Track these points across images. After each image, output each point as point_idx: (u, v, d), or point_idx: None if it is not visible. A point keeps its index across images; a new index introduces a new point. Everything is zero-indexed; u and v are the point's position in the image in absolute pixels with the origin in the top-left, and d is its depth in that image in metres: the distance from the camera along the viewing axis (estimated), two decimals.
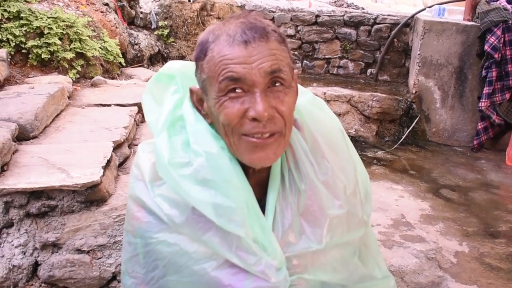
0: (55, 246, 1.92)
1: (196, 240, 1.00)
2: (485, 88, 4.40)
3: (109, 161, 2.11)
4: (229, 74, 0.94)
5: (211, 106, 0.98)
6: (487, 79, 4.37)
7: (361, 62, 5.60)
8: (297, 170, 1.06)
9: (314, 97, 1.17)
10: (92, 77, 3.45)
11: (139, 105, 2.97)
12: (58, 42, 3.28)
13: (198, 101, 1.05)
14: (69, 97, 2.95)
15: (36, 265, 1.92)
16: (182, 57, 5.51)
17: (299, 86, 1.07)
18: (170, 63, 1.19)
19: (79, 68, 3.42)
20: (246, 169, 1.02)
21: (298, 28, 5.62)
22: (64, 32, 3.37)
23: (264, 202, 1.04)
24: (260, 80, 0.94)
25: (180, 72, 1.14)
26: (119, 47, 4.09)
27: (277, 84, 0.96)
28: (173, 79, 1.13)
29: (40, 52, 3.20)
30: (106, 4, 4.50)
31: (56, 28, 3.31)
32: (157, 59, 5.44)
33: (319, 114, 1.14)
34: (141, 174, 1.08)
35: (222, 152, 0.98)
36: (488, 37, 4.34)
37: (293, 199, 1.05)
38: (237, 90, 0.95)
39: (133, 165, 1.12)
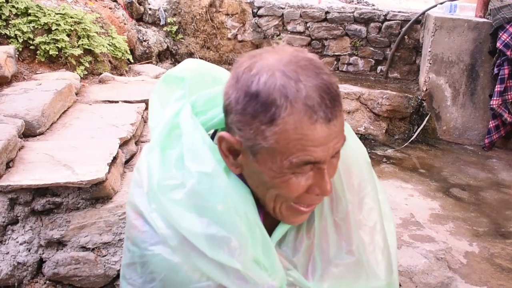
0: (60, 243, 1.91)
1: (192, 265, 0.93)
2: (496, 86, 4.34)
3: (115, 158, 2.09)
4: (307, 158, 0.82)
5: (264, 175, 0.87)
6: (499, 77, 4.31)
7: (371, 59, 5.55)
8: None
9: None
10: (100, 74, 3.45)
11: (146, 102, 2.96)
12: (66, 38, 3.28)
13: (230, 150, 0.91)
14: (76, 94, 2.95)
15: (40, 262, 1.92)
16: (190, 54, 5.50)
17: None
18: (185, 63, 1.09)
19: (87, 65, 3.42)
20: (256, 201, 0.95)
21: (308, 25, 5.58)
22: (72, 29, 3.37)
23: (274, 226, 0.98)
24: (329, 159, 0.86)
25: (192, 74, 1.05)
26: (127, 43, 4.08)
27: (336, 156, 0.89)
28: (181, 82, 1.03)
29: (48, 49, 3.19)
30: (115, 1, 4.49)
31: (64, 24, 3.30)
32: (165, 55, 5.43)
33: (350, 142, 1.00)
34: (141, 181, 1.00)
35: (219, 169, 0.90)
36: (501, 34, 4.28)
37: (307, 233, 0.99)
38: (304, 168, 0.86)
39: (135, 169, 1.04)
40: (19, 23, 3.15)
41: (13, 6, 3.17)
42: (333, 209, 0.98)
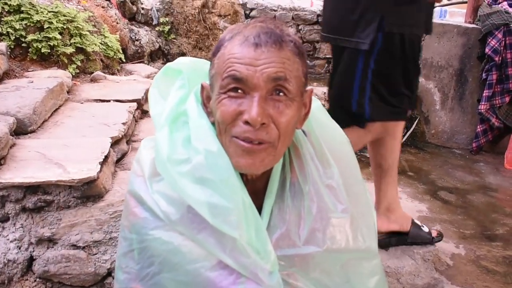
0: (50, 241, 1.91)
1: (191, 239, 0.99)
2: (485, 91, 4.39)
3: (106, 157, 2.10)
4: (232, 72, 0.94)
5: (213, 102, 0.99)
6: (487, 82, 4.36)
7: None
8: (301, 173, 1.05)
9: (322, 105, 1.17)
10: (92, 72, 3.45)
11: (138, 101, 2.97)
12: (58, 36, 3.28)
13: (207, 98, 1.05)
14: (68, 92, 2.95)
15: (31, 260, 1.92)
16: (182, 54, 5.51)
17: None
18: (180, 59, 1.19)
19: (79, 63, 3.41)
20: (242, 176, 1.01)
21: (300, 27, 5.62)
22: (65, 27, 3.36)
23: (261, 208, 1.04)
24: (262, 85, 0.93)
25: (188, 68, 1.14)
26: (119, 42, 4.08)
27: (280, 94, 0.95)
28: (180, 74, 1.13)
29: (40, 46, 3.19)
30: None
31: (57, 22, 3.30)
32: (157, 55, 5.43)
33: (326, 121, 1.15)
34: (141, 170, 1.08)
35: (223, 151, 0.97)
36: (489, 40, 4.34)
37: (292, 201, 1.04)
38: (238, 91, 0.94)
39: (134, 161, 1.13)
40: (11, 20, 3.14)
41: (5, 3, 3.16)
42: (321, 175, 1.05)
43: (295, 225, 1.03)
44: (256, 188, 1.04)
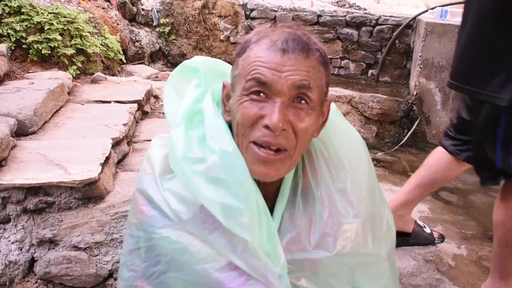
0: (51, 242, 1.91)
1: (201, 239, 0.99)
2: None
3: (107, 158, 2.10)
4: (257, 75, 0.94)
5: (233, 103, 0.99)
6: None
7: (363, 63, 5.59)
8: (314, 178, 1.05)
9: (336, 108, 1.18)
10: (92, 74, 3.45)
11: (139, 102, 2.97)
12: (59, 38, 3.27)
13: (227, 96, 1.05)
14: (69, 93, 2.95)
15: (32, 261, 1.92)
16: (183, 55, 5.50)
17: None
18: (195, 58, 1.19)
19: (79, 64, 3.41)
20: (254, 179, 1.01)
21: None
22: (65, 28, 3.36)
23: (271, 212, 1.03)
24: (285, 91, 0.93)
25: (204, 67, 1.14)
26: (120, 43, 4.08)
27: (302, 102, 0.95)
28: (196, 72, 1.13)
29: (40, 48, 3.19)
30: (108, 1, 4.49)
31: (57, 23, 3.30)
32: (158, 56, 5.43)
33: (342, 125, 1.15)
34: (151, 168, 1.07)
35: (238, 152, 0.97)
36: None
37: (303, 207, 1.04)
38: (261, 94, 0.94)
39: (144, 158, 1.12)
40: (12, 21, 3.14)
41: (6, 5, 3.16)
42: (334, 180, 1.05)
43: (306, 229, 1.02)
44: (268, 191, 1.04)
